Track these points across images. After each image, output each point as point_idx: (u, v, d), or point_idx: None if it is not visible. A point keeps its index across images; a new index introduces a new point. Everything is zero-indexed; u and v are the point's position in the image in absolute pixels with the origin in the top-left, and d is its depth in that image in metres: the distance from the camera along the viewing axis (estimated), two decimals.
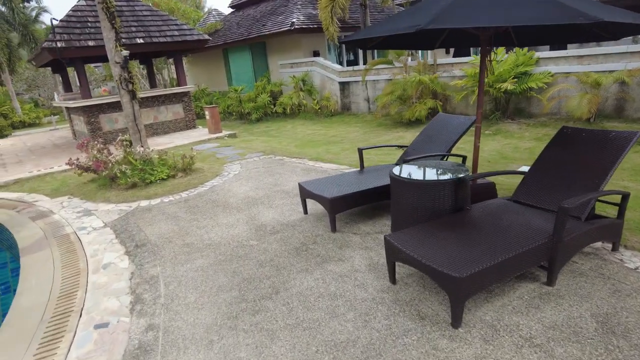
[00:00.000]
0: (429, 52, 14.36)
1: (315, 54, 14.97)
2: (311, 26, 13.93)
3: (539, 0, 2.69)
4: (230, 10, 21.05)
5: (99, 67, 29.52)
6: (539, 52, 8.74)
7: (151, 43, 11.06)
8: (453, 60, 10.40)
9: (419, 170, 3.75)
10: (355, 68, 12.65)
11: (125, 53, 6.78)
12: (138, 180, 6.38)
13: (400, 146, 5.49)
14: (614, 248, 3.20)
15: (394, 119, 10.58)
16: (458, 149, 4.81)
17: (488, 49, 3.82)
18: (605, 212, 3.55)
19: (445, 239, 2.83)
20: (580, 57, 8.03)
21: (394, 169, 3.74)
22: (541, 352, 2.22)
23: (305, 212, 4.61)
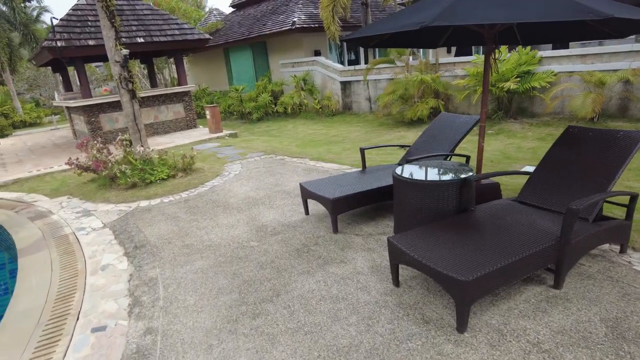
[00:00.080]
0: (431, 51, 14.33)
1: (317, 53, 14.91)
2: (312, 25, 13.87)
3: None
4: (231, 10, 21.02)
5: (100, 67, 29.48)
6: (542, 51, 8.66)
7: (152, 42, 11.02)
8: (455, 59, 10.33)
9: (422, 170, 3.68)
10: (357, 67, 12.58)
11: (125, 52, 6.72)
12: (138, 180, 6.33)
13: (403, 146, 5.43)
14: (622, 250, 3.13)
15: (396, 119, 10.51)
16: (460, 149, 4.75)
17: (493, 47, 3.75)
18: (612, 213, 3.48)
19: (450, 241, 2.76)
20: (584, 56, 7.95)
21: (397, 169, 3.67)
22: (550, 359, 2.16)
23: (307, 213, 4.55)
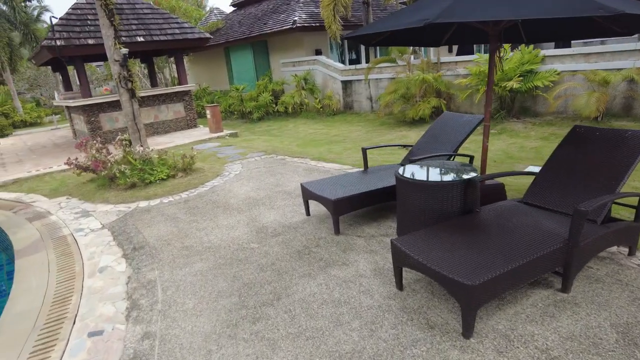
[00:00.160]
0: (432, 50, 14.23)
1: (318, 52, 14.83)
2: (313, 24, 13.79)
3: None
4: (231, 9, 20.95)
5: (100, 66, 29.42)
6: (545, 50, 8.58)
7: (152, 41, 10.96)
8: (457, 58, 10.25)
9: (426, 170, 3.62)
10: (358, 67, 12.51)
11: (124, 51, 6.66)
12: (137, 181, 6.27)
13: (405, 145, 5.36)
14: (631, 252, 3.06)
15: (397, 118, 10.44)
16: (463, 149, 4.67)
17: (497, 45, 3.68)
18: (619, 215, 3.42)
19: (455, 244, 2.69)
20: (588, 55, 7.87)
21: (400, 169, 3.61)
22: None
23: (308, 214, 4.48)
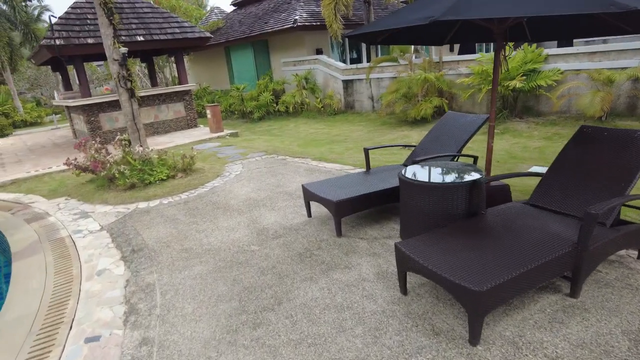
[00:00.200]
0: (434, 49, 14.14)
1: (318, 51, 14.75)
2: (314, 23, 13.71)
3: None
4: (232, 8, 20.87)
5: (100, 66, 29.39)
6: (548, 49, 8.50)
7: (152, 41, 10.89)
8: (459, 57, 10.17)
9: (429, 171, 3.55)
10: (359, 66, 12.43)
11: (123, 50, 6.59)
12: (137, 181, 6.20)
13: (408, 145, 5.29)
14: None
15: (399, 118, 10.37)
16: (466, 149, 4.61)
17: (503, 43, 3.61)
18: (627, 217, 3.34)
19: (461, 248, 2.62)
20: (592, 54, 7.78)
21: (403, 170, 3.54)
22: None
23: (309, 215, 4.42)
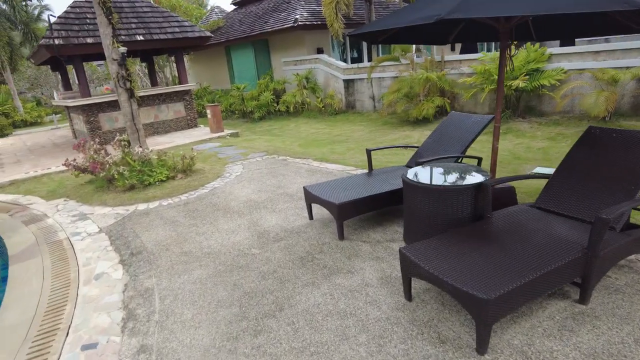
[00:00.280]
0: (435, 49, 14.06)
1: (319, 51, 14.67)
2: (315, 23, 13.63)
3: None
4: (232, 8, 20.79)
5: (101, 66, 29.32)
6: (551, 48, 8.42)
7: (151, 40, 10.82)
8: (461, 57, 10.09)
9: (434, 173, 3.48)
10: (360, 65, 12.35)
11: (122, 50, 6.53)
12: (136, 182, 6.13)
13: (409, 146, 5.22)
14: None
15: (401, 118, 10.29)
16: (470, 150, 4.54)
17: (508, 42, 3.53)
18: (636, 221, 3.27)
19: (467, 253, 2.55)
20: (596, 53, 7.70)
21: (407, 172, 3.47)
22: None
23: (311, 218, 4.35)
